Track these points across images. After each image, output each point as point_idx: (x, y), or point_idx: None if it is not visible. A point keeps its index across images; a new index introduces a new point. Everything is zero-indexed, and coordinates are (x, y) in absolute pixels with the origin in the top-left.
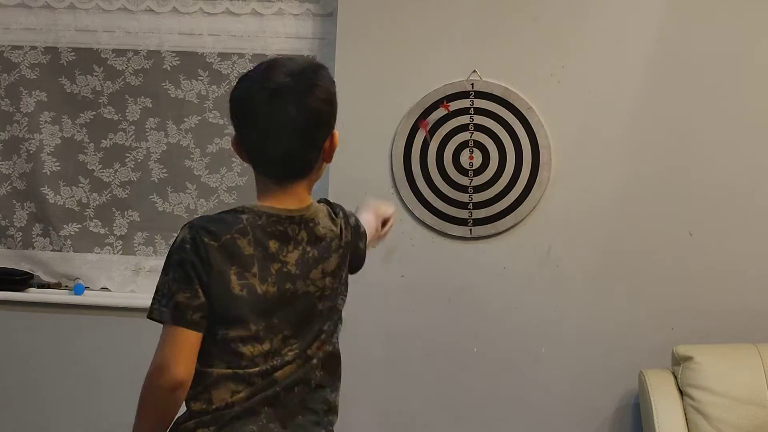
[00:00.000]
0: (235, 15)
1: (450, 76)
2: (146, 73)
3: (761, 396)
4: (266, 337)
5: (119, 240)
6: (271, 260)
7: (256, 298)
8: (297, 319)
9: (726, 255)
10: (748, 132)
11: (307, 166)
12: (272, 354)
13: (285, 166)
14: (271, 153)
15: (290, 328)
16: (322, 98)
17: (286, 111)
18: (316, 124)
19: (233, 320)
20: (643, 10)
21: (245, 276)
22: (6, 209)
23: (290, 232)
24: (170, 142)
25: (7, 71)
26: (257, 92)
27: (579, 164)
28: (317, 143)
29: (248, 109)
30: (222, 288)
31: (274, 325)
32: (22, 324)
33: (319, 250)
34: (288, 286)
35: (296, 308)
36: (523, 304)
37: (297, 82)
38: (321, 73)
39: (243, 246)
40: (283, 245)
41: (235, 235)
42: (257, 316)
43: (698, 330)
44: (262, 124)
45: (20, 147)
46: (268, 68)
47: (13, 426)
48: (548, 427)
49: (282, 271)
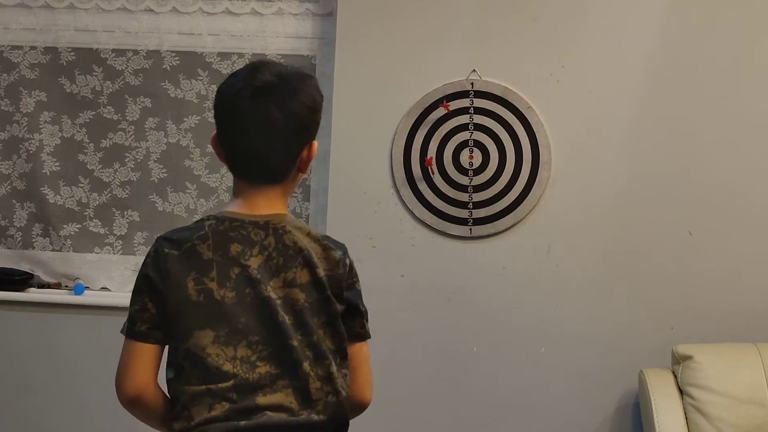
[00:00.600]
0: (235, 15)
1: (450, 76)
2: (146, 73)
3: (761, 395)
4: (230, 343)
5: (119, 240)
6: (231, 264)
7: (214, 303)
8: (263, 325)
9: (726, 255)
10: (748, 132)
11: (282, 170)
12: (241, 361)
13: (258, 166)
14: (247, 151)
15: (256, 334)
16: (306, 104)
17: (268, 110)
18: (296, 128)
19: (195, 327)
20: (643, 10)
21: (203, 281)
22: (6, 209)
23: (254, 236)
24: (170, 142)
25: (7, 71)
26: (242, 88)
27: (579, 164)
28: (294, 149)
29: (230, 105)
30: (180, 295)
31: (239, 330)
32: (21, 324)
33: (285, 258)
34: (248, 290)
35: (259, 314)
36: (522, 303)
37: (283, 83)
38: (309, 82)
39: (203, 251)
40: (246, 249)
41: (196, 242)
42: (217, 321)
43: (698, 329)
44: (242, 121)
45: (20, 147)
46: (257, 67)
47: (13, 426)
48: (548, 427)
49: (242, 275)
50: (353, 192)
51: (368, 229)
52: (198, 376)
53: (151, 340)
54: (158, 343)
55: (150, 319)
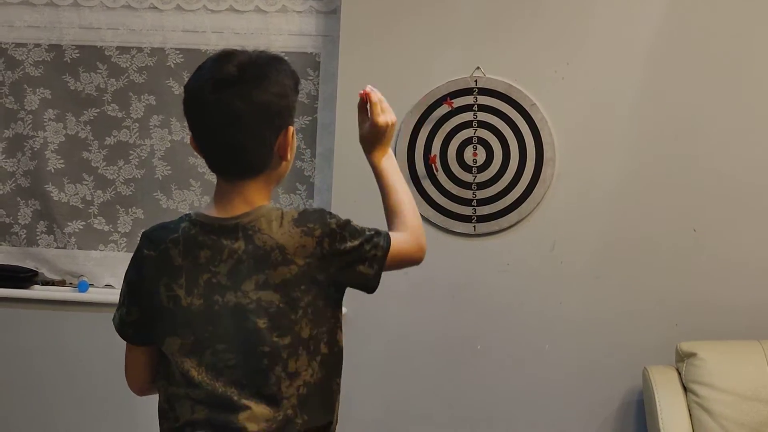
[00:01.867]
0: (239, 12)
1: (453, 73)
2: (150, 71)
3: (765, 392)
4: (195, 351)
5: (123, 237)
6: (200, 271)
7: (182, 310)
8: (232, 333)
9: (730, 251)
10: (751, 126)
11: (257, 162)
12: (207, 369)
13: (232, 162)
14: (218, 147)
15: (223, 342)
16: (272, 91)
17: (231, 103)
18: (263, 118)
19: (165, 333)
20: (646, 6)
21: (172, 287)
22: (10, 207)
23: (224, 240)
24: (174, 140)
25: (11, 69)
26: (204, 82)
27: (582, 161)
28: (267, 139)
29: (196, 100)
30: (152, 301)
31: (204, 338)
32: (26, 321)
33: (256, 259)
34: (216, 297)
35: (228, 321)
36: (526, 300)
37: (246, 73)
38: (275, 66)
39: (174, 256)
40: (215, 254)
41: (169, 245)
42: (183, 328)
43: (702, 326)
44: (209, 116)
45: (24, 145)
46: (219, 59)
47: (17, 422)
48: (551, 424)
49: (211, 282)
50: (357, 189)
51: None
52: (178, 377)
53: (139, 342)
54: (147, 344)
55: (135, 323)
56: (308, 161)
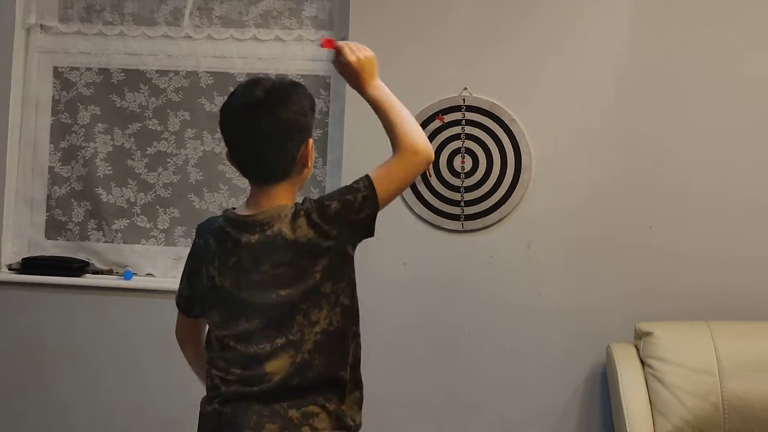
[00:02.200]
0: (261, 41)
1: (444, 93)
2: (185, 91)
3: (711, 366)
4: (231, 320)
5: (162, 233)
6: (228, 256)
7: (218, 288)
8: (258, 303)
9: (680, 244)
10: (698, 140)
11: (281, 170)
12: (242, 334)
13: (262, 170)
14: (251, 159)
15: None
16: (294, 110)
17: (261, 122)
18: (289, 133)
19: (210, 308)
20: (613, 34)
21: (210, 270)
22: (65, 207)
23: (244, 235)
24: (206, 150)
25: (67, 89)
26: (237, 106)
27: (555, 168)
28: (291, 150)
29: (231, 121)
30: (200, 281)
31: (236, 310)
32: (78, 305)
33: (269, 246)
34: (242, 276)
35: (255, 295)
36: (508, 288)
37: (272, 96)
38: (295, 89)
39: (211, 244)
40: (239, 243)
41: (208, 236)
42: (221, 303)
43: (657, 309)
44: (242, 134)
45: (77, 154)
46: (248, 85)
47: (69, 394)
48: (530, 393)
49: (237, 264)
50: None
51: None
52: (215, 344)
53: (186, 313)
54: (192, 316)
55: (187, 298)
56: (320, 168)
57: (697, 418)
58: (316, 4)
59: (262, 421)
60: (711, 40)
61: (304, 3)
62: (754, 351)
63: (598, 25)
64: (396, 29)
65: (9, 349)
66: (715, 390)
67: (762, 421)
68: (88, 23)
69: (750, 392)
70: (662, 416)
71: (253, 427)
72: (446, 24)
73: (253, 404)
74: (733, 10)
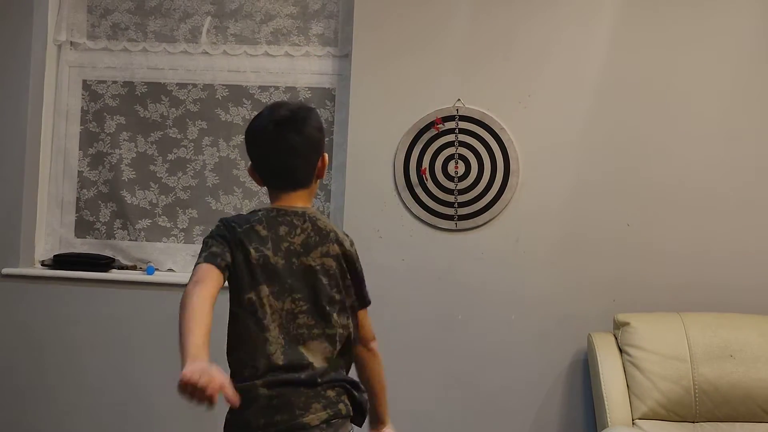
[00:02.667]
0: (272, 56)
1: (440, 104)
2: (202, 102)
3: (682, 353)
4: (280, 297)
5: (182, 232)
6: (281, 240)
7: (270, 265)
8: (305, 286)
9: (655, 241)
10: (671, 145)
11: (305, 179)
12: (287, 313)
13: (288, 177)
14: (279, 169)
15: (299, 293)
16: (315, 128)
17: (288, 136)
18: (311, 146)
19: (259, 282)
20: (592, 52)
21: (261, 250)
22: (93, 208)
23: (296, 221)
24: (221, 156)
25: (94, 100)
26: (266, 124)
27: (540, 172)
28: (312, 161)
29: (261, 137)
30: (243, 257)
31: (286, 288)
32: (105, 298)
33: (320, 237)
34: (294, 260)
35: (303, 278)
36: (497, 281)
37: (295, 115)
38: (313, 112)
39: (260, 230)
40: (291, 230)
41: (254, 224)
42: (273, 279)
43: (634, 301)
44: (271, 147)
45: (104, 160)
46: (274, 107)
47: (98, 376)
48: (517, 378)
49: (290, 249)
50: (364, 194)
51: (376, 224)
52: (256, 322)
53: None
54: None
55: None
56: (326, 172)
57: (670, 401)
58: (323, 23)
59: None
60: (681, 57)
61: (312, 22)
62: (722, 340)
63: (578, 44)
64: (396, 46)
65: (42, 336)
66: (686, 375)
67: (729, 403)
68: (114, 40)
69: (718, 377)
70: (638, 399)
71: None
72: (442, 42)
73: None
74: (698, 32)
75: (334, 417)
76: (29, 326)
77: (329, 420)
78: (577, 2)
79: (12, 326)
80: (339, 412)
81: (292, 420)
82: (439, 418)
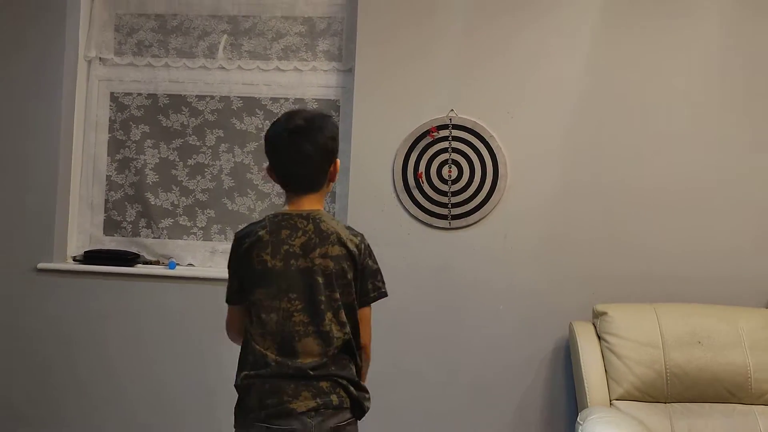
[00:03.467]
0: (282, 71)
1: (435, 113)
2: (219, 112)
3: (655, 340)
4: (276, 297)
5: (200, 230)
6: (282, 244)
7: (268, 270)
8: (302, 286)
9: (630, 239)
10: (644, 152)
11: (317, 183)
12: (283, 311)
13: (302, 183)
14: (293, 174)
15: (295, 292)
16: (327, 136)
17: (301, 145)
18: (323, 154)
19: (255, 286)
20: (572, 66)
21: (261, 255)
22: (120, 209)
23: (299, 224)
24: (236, 161)
25: (121, 111)
26: (281, 132)
27: (526, 176)
28: (324, 168)
29: (276, 144)
30: (247, 267)
31: (282, 289)
32: (131, 290)
33: (321, 238)
34: (292, 261)
35: (300, 278)
36: (487, 275)
37: (309, 125)
38: (328, 120)
39: (263, 235)
40: (293, 233)
41: (258, 230)
42: (269, 281)
43: (611, 293)
44: (285, 154)
45: (130, 165)
46: (289, 116)
47: (124, 365)
48: (504, 363)
49: (289, 251)
50: (366, 196)
51: (377, 223)
52: (256, 321)
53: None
54: (244, 303)
55: (237, 291)
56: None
57: (644, 384)
58: (328, 41)
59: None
60: (654, 70)
61: (318, 39)
62: (691, 328)
63: (561, 58)
64: (395, 61)
65: (73, 326)
66: (659, 360)
67: (698, 386)
68: (139, 56)
69: (688, 362)
70: (615, 382)
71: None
72: (436, 57)
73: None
74: (670, 45)
75: (323, 406)
76: (61, 315)
77: (317, 408)
78: (558, 19)
79: (46, 315)
80: (330, 402)
81: (281, 405)
82: (434, 399)
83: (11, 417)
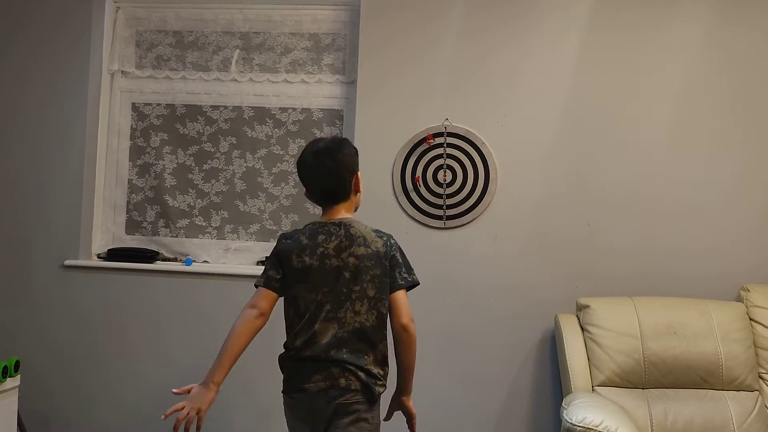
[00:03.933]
0: (290, 83)
1: (431, 122)
2: (232, 121)
3: (634, 331)
4: (313, 291)
5: (215, 230)
6: (317, 246)
7: (307, 268)
8: (332, 281)
9: (611, 238)
10: (624, 158)
11: (343, 193)
12: (318, 303)
13: (329, 195)
14: (320, 188)
15: (327, 287)
16: (348, 154)
17: (324, 163)
18: (344, 169)
19: (296, 281)
20: (558, 79)
21: (301, 255)
22: (141, 210)
23: (332, 230)
24: (248, 166)
25: (141, 120)
26: (307, 155)
27: (515, 180)
28: (347, 181)
29: (304, 166)
30: (288, 263)
31: (318, 283)
32: (151, 285)
33: (350, 241)
34: (326, 261)
35: (332, 274)
36: (479, 271)
37: (330, 146)
38: (345, 141)
39: (302, 239)
40: (327, 238)
41: (299, 235)
42: (307, 278)
43: (593, 288)
44: (312, 173)
45: (150, 169)
46: (313, 142)
47: (144, 352)
48: (494, 352)
49: (324, 253)
50: (367, 199)
51: (377, 224)
52: (295, 312)
53: (277, 292)
54: (279, 294)
55: (279, 281)
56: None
57: (624, 371)
58: (333, 55)
59: None
60: (630, 85)
61: (323, 54)
62: (667, 319)
63: (548, 70)
64: (394, 74)
65: (97, 317)
66: (637, 349)
67: (673, 373)
68: (158, 69)
69: (664, 351)
70: (597, 369)
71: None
72: (431, 71)
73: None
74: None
75: (331, 388)
76: (87, 308)
77: (326, 389)
78: (544, 35)
79: (72, 307)
80: (337, 384)
81: (298, 384)
82: (430, 386)
83: (42, 399)
